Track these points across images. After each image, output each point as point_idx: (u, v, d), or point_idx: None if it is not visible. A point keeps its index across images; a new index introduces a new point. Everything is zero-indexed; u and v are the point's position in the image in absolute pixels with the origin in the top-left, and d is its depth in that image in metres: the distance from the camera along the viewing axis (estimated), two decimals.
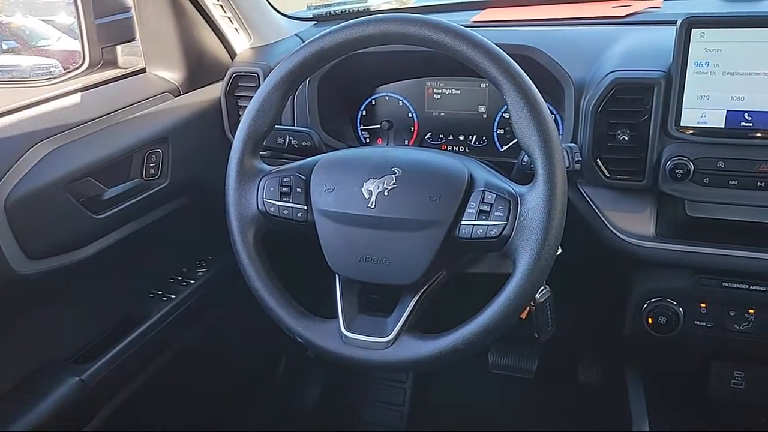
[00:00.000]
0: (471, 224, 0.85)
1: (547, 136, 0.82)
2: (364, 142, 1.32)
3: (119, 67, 1.21)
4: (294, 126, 1.23)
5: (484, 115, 1.23)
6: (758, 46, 0.90)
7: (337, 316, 0.91)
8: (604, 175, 1.01)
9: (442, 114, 1.26)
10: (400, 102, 1.28)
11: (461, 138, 1.26)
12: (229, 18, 1.27)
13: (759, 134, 0.93)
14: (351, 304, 0.93)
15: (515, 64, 0.84)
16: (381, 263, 0.88)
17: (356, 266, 0.90)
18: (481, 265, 1.02)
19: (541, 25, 1.21)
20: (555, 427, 1.53)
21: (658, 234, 1.03)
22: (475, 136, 1.25)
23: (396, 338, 0.88)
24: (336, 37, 0.89)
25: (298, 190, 0.93)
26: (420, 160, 0.91)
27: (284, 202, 0.93)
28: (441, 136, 1.27)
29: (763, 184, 0.94)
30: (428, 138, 1.28)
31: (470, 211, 0.86)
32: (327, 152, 0.99)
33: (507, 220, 0.83)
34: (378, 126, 1.30)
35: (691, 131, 0.96)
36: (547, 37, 1.11)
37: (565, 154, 0.96)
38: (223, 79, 1.26)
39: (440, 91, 1.25)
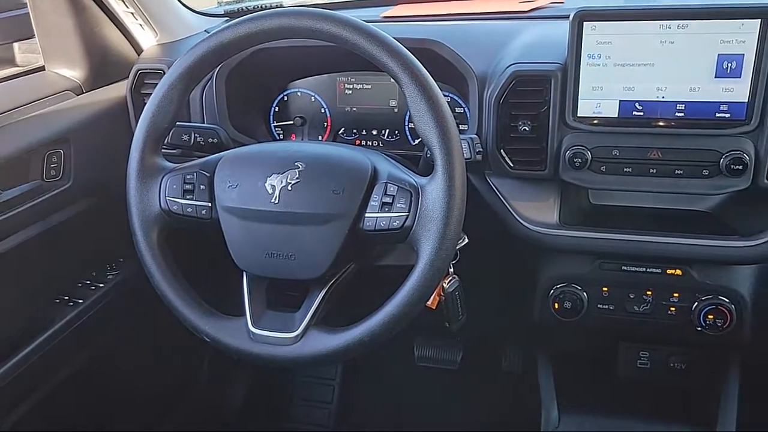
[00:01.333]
0: (374, 216, 0.86)
1: (444, 128, 0.83)
2: (277, 138, 1.31)
3: (17, 65, 1.16)
4: (204, 122, 1.21)
5: (395, 110, 1.24)
6: (645, 39, 0.93)
7: (244, 314, 0.91)
8: (508, 165, 1.03)
9: (355, 109, 1.26)
10: (313, 98, 1.28)
11: (374, 132, 1.27)
12: (132, 14, 1.23)
13: (649, 123, 0.97)
14: (259, 301, 0.92)
15: (413, 57, 0.85)
16: (287, 258, 0.88)
17: (262, 262, 0.89)
18: (391, 257, 1.03)
19: (447, 20, 1.23)
20: (477, 416, 1.56)
21: (562, 222, 1.06)
22: (387, 131, 1.26)
23: (303, 333, 0.88)
24: (235, 31, 0.88)
25: (202, 187, 0.92)
26: (323, 154, 0.91)
27: (188, 199, 0.92)
28: (354, 131, 1.28)
29: (655, 171, 0.98)
30: (342, 133, 1.28)
31: (373, 203, 0.86)
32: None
33: (409, 212, 0.84)
34: (291, 122, 1.29)
35: (587, 121, 0.99)
36: (450, 32, 1.13)
37: (466, 145, 0.98)
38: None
39: (351, 86, 1.25)
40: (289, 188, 0.87)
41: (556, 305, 1.10)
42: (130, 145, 0.93)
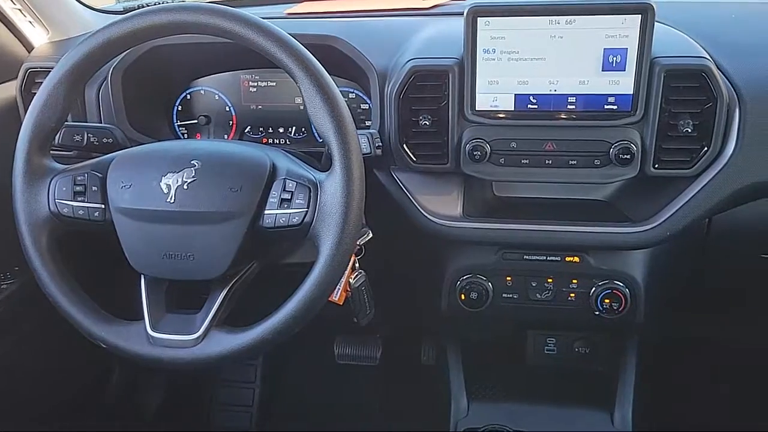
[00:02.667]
0: (274, 213, 0.86)
1: (341, 123, 0.83)
2: (181, 138, 1.28)
3: None
4: (102, 122, 1.17)
5: (301, 107, 1.23)
6: (536, 34, 0.96)
7: (143, 317, 0.88)
8: (411, 159, 1.05)
9: (260, 107, 1.25)
10: (217, 96, 1.25)
11: (281, 130, 1.25)
12: (20, 10, 1.18)
13: (543, 115, 1.00)
14: (158, 304, 0.90)
15: (307, 52, 0.85)
16: (185, 259, 0.86)
17: (160, 264, 0.87)
18: (297, 255, 1.02)
19: (350, 16, 1.23)
20: (396, 411, 1.58)
21: (466, 214, 1.08)
22: (294, 128, 1.25)
23: (205, 334, 0.86)
24: (122, 26, 0.86)
25: (94, 188, 0.89)
26: (220, 152, 0.89)
27: (79, 202, 0.89)
28: (261, 129, 1.26)
29: (550, 162, 1.01)
30: (248, 132, 1.27)
31: (272, 200, 0.86)
32: None
33: (308, 207, 0.84)
34: (195, 121, 1.27)
35: (485, 115, 1.01)
36: (351, 28, 1.13)
37: (365, 140, 0.99)
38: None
39: (256, 83, 1.24)
40: (186, 187, 0.86)
41: (463, 296, 1.12)
42: None
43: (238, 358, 0.86)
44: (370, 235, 1.00)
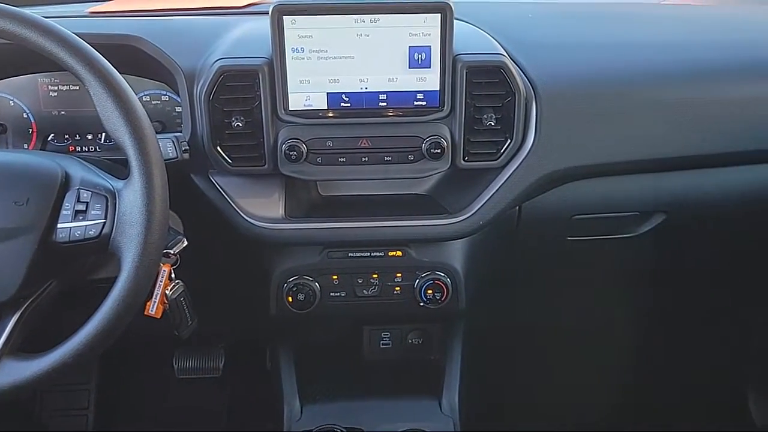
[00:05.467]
0: (68, 226, 0.79)
1: (136, 127, 0.79)
2: None
3: None
4: None
5: None
6: (343, 32, 0.97)
7: None
8: (227, 162, 1.02)
9: (63, 113, 1.16)
10: (12, 102, 1.14)
11: (89, 137, 1.17)
12: None
13: (356, 113, 1.01)
14: None
15: (94, 51, 0.79)
16: None
17: None
18: (104, 270, 0.96)
19: (158, 15, 1.17)
20: (236, 421, 1.54)
21: (288, 215, 1.07)
22: (103, 135, 1.17)
23: None
24: None
25: None
26: (3, 163, 0.81)
27: None
28: (66, 136, 1.17)
29: (366, 159, 1.02)
30: (52, 140, 1.17)
31: (66, 212, 0.80)
32: None
33: (105, 218, 0.79)
34: None
35: (299, 114, 1.00)
36: (156, 27, 1.08)
37: (171, 143, 0.95)
38: None
39: (56, 87, 1.14)
40: None
41: (290, 298, 1.11)
42: None
43: (37, 385, 0.79)
44: (185, 243, 0.96)
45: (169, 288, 0.97)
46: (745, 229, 1.32)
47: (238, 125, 0.99)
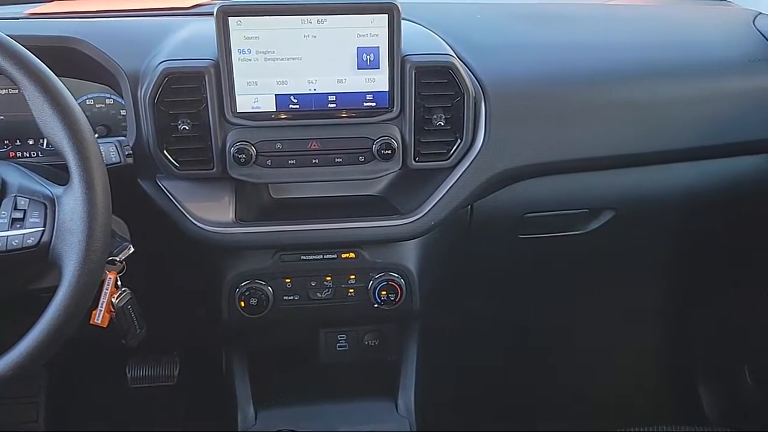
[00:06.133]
0: (5, 235, 0.77)
1: (75, 131, 0.77)
2: None
3: None
4: None
5: None
6: (290, 33, 0.96)
7: None
8: (175, 166, 1.00)
9: (2, 117, 1.12)
10: None
11: (30, 143, 1.13)
12: None
13: (305, 115, 1.00)
14: None
15: (28, 53, 0.77)
16: None
17: None
18: (47, 279, 0.93)
19: (101, 16, 1.14)
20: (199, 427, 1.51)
21: (238, 219, 1.05)
22: (46, 140, 1.13)
23: None
24: None
25: None
26: None
27: None
28: (6, 142, 1.13)
29: (317, 161, 1.02)
30: None
31: (2, 220, 0.77)
32: None
33: (44, 226, 0.77)
34: None
35: (247, 117, 0.99)
36: (98, 29, 1.05)
37: (113, 148, 0.93)
38: None
39: None
40: None
41: (242, 303, 1.09)
42: None
43: None
44: (131, 249, 0.94)
45: (116, 296, 0.94)
46: (690, 224, 1.35)
47: (184, 128, 0.97)
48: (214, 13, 0.93)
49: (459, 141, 1.04)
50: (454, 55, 1.03)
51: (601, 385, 1.70)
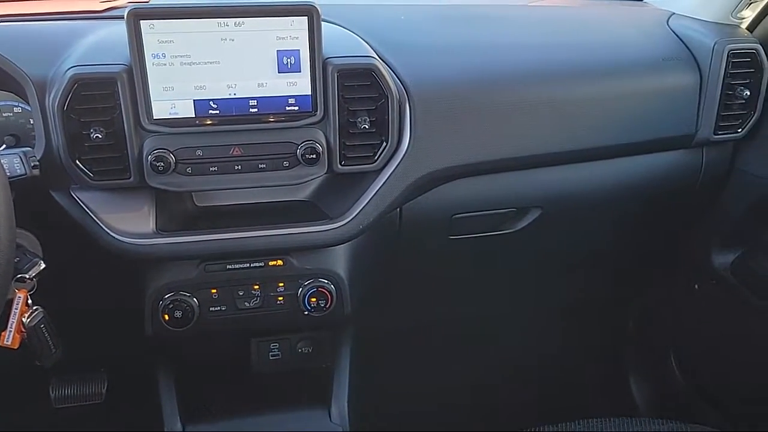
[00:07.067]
0: None
1: None
2: None
3: None
4: None
5: None
6: (206, 37, 0.93)
7: None
8: (88, 176, 0.95)
9: None
10: None
11: None
12: None
13: (226, 120, 0.97)
14: None
15: None
16: None
17: None
18: None
19: (3, 21, 1.08)
20: None
21: (159, 229, 1.01)
22: None
23: None
24: None
25: None
26: None
27: None
28: None
29: (240, 167, 0.99)
30: None
31: None
32: None
33: None
34: None
35: (165, 123, 0.95)
36: (1, 34, 1.00)
37: (18, 160, 0.88)
38: None
39: None
40: None
41: (167, 316, 1.05)
42: None
43: None
44: (42, 265, 0.89)
45: (27, 315, 0.90)
46: (615, 219, 1.39)
47: (97, 137, 0.93)
48: (125, 17, 0.90)
49: (385, 144, 1.03)
50: (377, 57, 1.02)
51: (534, 382, 1.72)
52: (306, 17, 0.94)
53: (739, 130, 1.26)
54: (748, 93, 1.22)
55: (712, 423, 1.28)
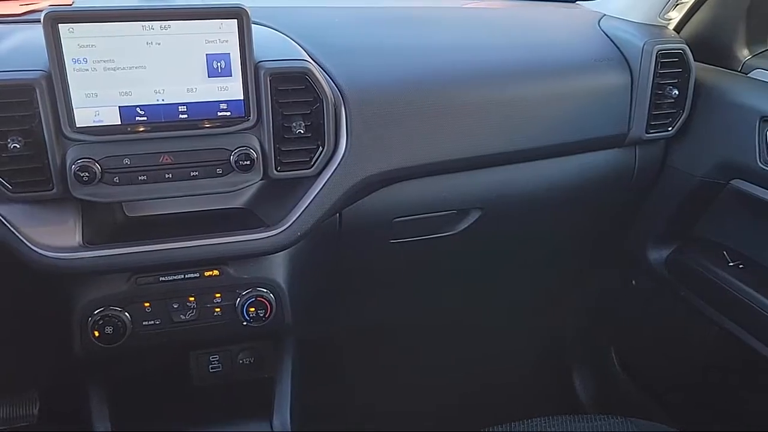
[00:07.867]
0: None
1: None
2: None
3: None
4: None
5: None
6: (130, 41, 0.89)
7: None
8: (7, 188, 0.90)
9: None
10: None
11: None
12: None
13: (155, 127, 0.93)
14: None
15: None
16: None
17: None
18: None
19: None
20: None
21: (86, 242, 0.97)
22: None
23: None
24: None
25: None
26: None
27: None
28: None
29: (170, 176, 0.95)
30: None
31: None
32: None
33: None
34: None
35: (89, 131, 0.91)
36: None
37: None
38: None
39: None
40: None
41: (97, 332, 1.01)
42: None
43: None
44: None
45: None
46: (555, 218, 1.40)
47: (15, 146, 0.88)
48: (41, 20, 0.85)
49: (321, 148, 1.01)
50: (311, 61, 1.00)
51: (478, 383, 1.73)
52: (235, 20, 0.91)
53: (670, 129, 1.29)
54: (677, 92, 1.25)
55: (656, 417, 1.31)
